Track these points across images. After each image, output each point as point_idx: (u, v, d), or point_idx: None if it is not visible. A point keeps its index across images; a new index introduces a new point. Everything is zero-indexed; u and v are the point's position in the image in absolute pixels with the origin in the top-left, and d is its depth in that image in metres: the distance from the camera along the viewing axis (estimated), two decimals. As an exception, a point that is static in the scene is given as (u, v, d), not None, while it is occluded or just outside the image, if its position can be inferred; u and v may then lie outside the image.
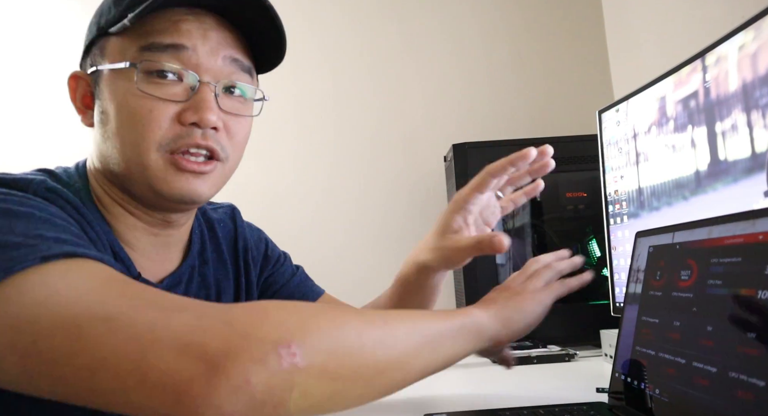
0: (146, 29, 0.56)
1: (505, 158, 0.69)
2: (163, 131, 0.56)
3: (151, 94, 0.56)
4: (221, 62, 0.59)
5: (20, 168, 0.60)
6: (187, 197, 0.59)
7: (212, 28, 0.58)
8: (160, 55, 0.56)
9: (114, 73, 0.58)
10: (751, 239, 0.49)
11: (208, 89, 0.58)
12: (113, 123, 0.58)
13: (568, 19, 1.69)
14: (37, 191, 0.52)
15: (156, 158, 0.57)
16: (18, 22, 1.69)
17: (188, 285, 0.69)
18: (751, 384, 0.44)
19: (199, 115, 0.56)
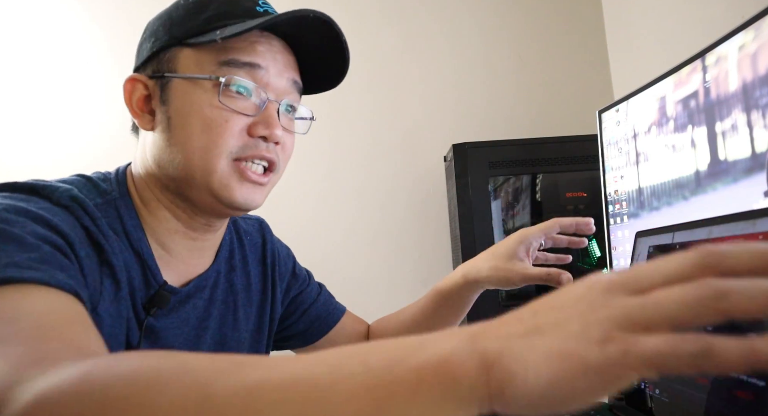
0: (226, 46, 0.61)
1: (572, 219, 0.76)
2: (235, 140, 0.61)
3: (229, 107, 0.60)
4: (285, 83, 0.64)
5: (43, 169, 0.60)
6: (244, 205, 0.63)
7: (280, 52, 0.64)
8: (237, 72, 0.61)
9: (190, 83, 0.62)
10: (751, 240, 0.49)
11: (274, 107, 0.63)
12: (184, 130, 0.61)
13: (568, 19, 1.69)
14: (59, 199, 0.55)
15: (224, 164, 0.61)
16: (18, 22, 1.69)
17: (213, 290, 0.71)
18: (751, 384, 0.44)
19: (270, 130, 0.62)
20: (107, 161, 1.72)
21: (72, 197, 0.56)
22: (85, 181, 0.62)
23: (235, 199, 0.62)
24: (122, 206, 0.62)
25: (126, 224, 0.61)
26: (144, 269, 0.62)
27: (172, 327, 0.64)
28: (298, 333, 0.86)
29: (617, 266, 1.04)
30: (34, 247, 0.47)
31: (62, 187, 0.57)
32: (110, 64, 1.67)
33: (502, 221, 1.33)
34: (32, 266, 0.45)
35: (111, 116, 1.66)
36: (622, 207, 1.04)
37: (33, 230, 0.49)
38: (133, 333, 0.60)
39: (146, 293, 0.62)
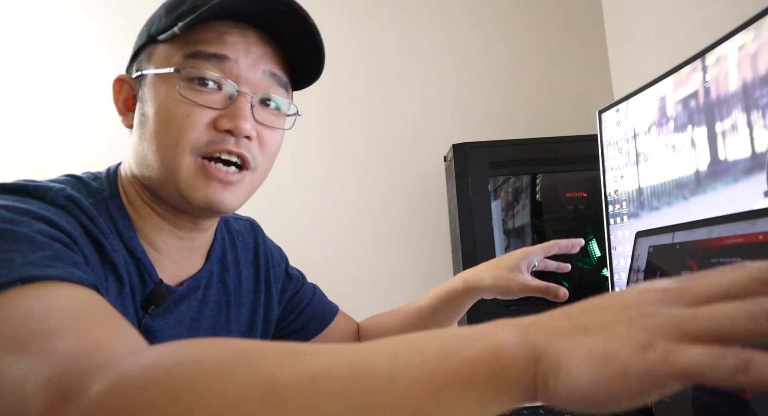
0: (193, 38, 0.59)
1: (569, 241, 0.82)
2: (198, 135, 0.58)
3: (191, 100, 0.58)
4: (260, 75, 0.61)
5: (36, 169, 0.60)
6: (213, 206, 0.60)
7: (255, 43, 0.61)
8: (204, 64, 0.59)
9: (158, 78, 0.60)
10: (751, 239, 0.49)
11: (245, 99, 0.60)
12: (151, 125, 0.60)
13: (568, 19, 1.69)
14: (55, 199, 0.54)
15: (188, 161, 0.58)
16: (18, 22, 1.69)
17: (207, 290, 0.70)
18: (751, 385, 0.44)
19: (235, 123, 0.58)
20: (107, 160, 1.71)
21: (67, 196, 0.55)
22: (75, 181, 0.61)
23: (201, 198, 0.59)
24: (113, 206, 0.61)
25: (118, 224, 0.60)
26: (139, 268, 0.61)
27: (168, 328, 0.64)
28: (294, 331, 0.86)
29: (617, 266, 1.04)
30: (46, 245, 0.47)
31: (55, 187, 0.55)
32: (110, 63, 1.67)
33: (502, 221, 1.33)
34: (49, 264, 0.44)
35: (111, 116, 1.66)
36: (622, 207, 1.04)
37: (39, 228, 0.48)
38: None
39: (143, 292, 0.61)
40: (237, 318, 0.74)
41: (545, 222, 1.33)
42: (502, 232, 1.32)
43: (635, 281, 0.67)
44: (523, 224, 1.34)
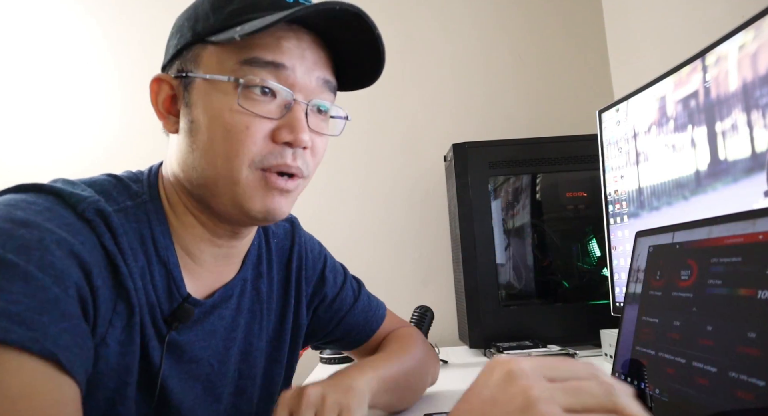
0: (248, 43, 0.55)
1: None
2: (258, 148, 0.56)
3: (250, 111, 0.55)
4: (314, 82, 0.59)
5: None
6: (270, 215, 0.59)
7: (309, 48, 0.58)
8: (260, 71, 0.56)
9: (210, 84, 0.57)
10: (751, 239, 0.49)
11: (301, 108, 0.58)
12: (205, 135, 0.57)
13: (568, 19, 1.69)
14: (84, 212, 0.52)
15: (247, 174, 0.56)
16: (19, 23, 1.69)
17: (241, 299, 0.67)
18: (751, 384, 0.44)
19: (294, 135, 0.57)
20: (107, 161, 1.72)
21: (97, 210, 0.53)
22: (115, 182, 0.59)
23: (260, 209, 0.57)
24: (152, 210, 0.59)
25: (154, 230, 0.58)
26: (168, 280, 0.59)
27: (198, 340, 0.61)
28: (335, 340, 0.84)
29: (617, 266, 1.04)
30: (41, 290, 0.45)
31: (89, 198, 0.53)
32: (111, 64, 1.67)
33: (502, 220, 1.33)
34: (26, 319, 0.43)
35: (111, 116, 1.66)
36: (622, 207, 1.04)
37: (51, 261, 0.46)
38: (155, 351, 0.57)
39: (169, 306, 0.59)
40: (267, 325, 0.72)
41: (545, 222, 1.33)
42: (502, 232, 1.32)
43: (635, 281, 0.67)
44: (523, 223, 1.34)
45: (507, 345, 1.17)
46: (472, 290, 1.26)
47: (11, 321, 0.43)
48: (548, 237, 1.34)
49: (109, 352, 0.53)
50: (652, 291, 0.62)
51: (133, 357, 0.55)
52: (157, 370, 0.57)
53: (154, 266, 0.58)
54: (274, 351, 0.73)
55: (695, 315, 0.54)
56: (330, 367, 1.21)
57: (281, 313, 0.74)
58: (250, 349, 0.68)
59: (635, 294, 0.66)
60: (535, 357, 0.41)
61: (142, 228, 0.58)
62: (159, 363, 0.57)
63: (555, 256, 1.34)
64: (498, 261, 1.29)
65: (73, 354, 0.46)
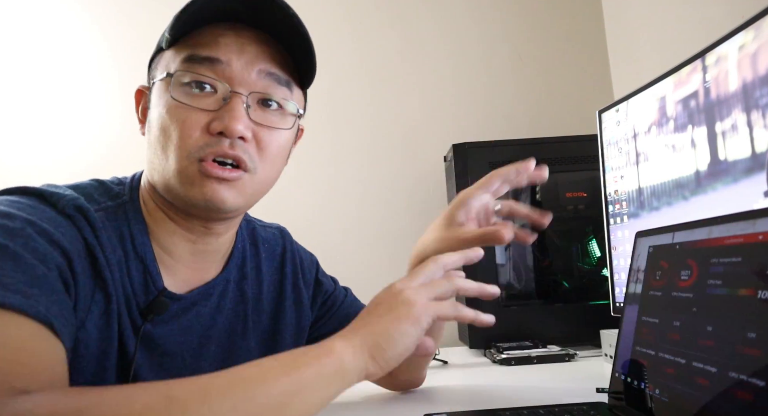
0: (189, 43, 0.60)
1: (509, 166, 0.75)
2: (194, 140, 0.58)
3: (185, 103, 0.58)
4: (255, 75, 0.60)
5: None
6: (211, 203, 0.59)
7: (250, 43, 0.60)
8: (197, 67, 0.59)
9: (159, 84, 0.61)
10: (751, 239, 0.49)
11: (239, 100, 0.59)
12: (154, 131, 0.61)
13: (568, 19, 1.69)
14: (64, 208, 0.55)
15: (186, 164, 0.58)
16: (19, 24, 1.69)
17: (222, 298, 0.69)
18: (751, 384, 0.44)
19: (225, 123, 0.58)
20: (106, 162, 1.72)
21: (77, 206, 0.56)
22: (98, 185, 0.63)
23: (199, 197, 0.59)
24: (131, 210, 0.62)
25: (133, 228, 0.62)
26: (145, 274, 0.61)
27: (173, 335, 0.64)
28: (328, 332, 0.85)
29: (617, 266, 1.04)
30: (29, 267, 0.48)
31: (69, 195, 0.57)
32: (109, 66, 1.67)
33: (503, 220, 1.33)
34: (19, 289, 0.46)
35: (110, 118, 1.66)
36: (622, 207, 1.04)
37: (34, 246, 0.50)
38: (130, 341, 0.59)
39: (146, 299, 0.61)
40: (256, 326, 0.74)
41: (545, 222, 1.33)
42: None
43: (636, 282, 0.67)
44: (523, 224, 1.33)
45: (507, 345, 1.17)
46: (472, 290, 1.26)
47: (7, 289, 0.45)
48: (548, 237, 1.34)
49: (88, 337, 0.56)
50: (652, 291, 0.62)
51: (111, 343, 0.58)
52: (131, 360, 0.59)
53: (131, 262, 0.61)
54: (269, 350, 0.74)
55: (695, 315, 0.54)
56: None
57: (275, 314, 0.76)
58: (232, 348, 0.70)
59: (635, 294, 0.66)
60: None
61: (121, 226, 0.61)
62: (133, 353, 0.59)
63: (555, 256, 1.34)
64: (498, 261, 1.29)
65: (62, 324, 0.49)
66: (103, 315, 0.57)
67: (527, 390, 0.86)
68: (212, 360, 0.68)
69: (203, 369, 0.66)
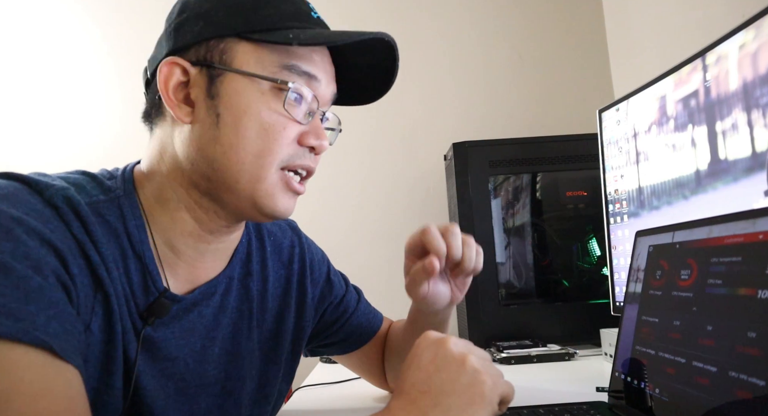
0: (288, 50, 0.58)
1: (419, 265, 0.71)
2: (288, 149, 0.59)
3: (289, 114, 0.58)
4: (330, 95, 0.64)
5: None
6: (284, 215, 0.62)
7: (329, 64, 0.63)
8: (297, 79, 0.59)
9: (246, 80, 0.57)
10: (751, 239, 0.49)
11: (319, 116, 0.63)
12: (236, 130, 0.57)
13: (568, 18, 1.69)
14: (51, 198, 0.51)
15: (273, 172, 0.59)
16: (18, 23, 1.69)
17: (225, 297, 0.66)
18: (751, 384, 0.44)
19: (320, 141, 0.61)
20: (107, 160, 1.72)
21: (66, 197, 0.52)
22: (88, 178, 0.58)
23: (278, 209, 0.60)
24: (126, 205, 0.57)
25: (128, 225, 0.57)
26: (144, 274, 0.57)
27: (174, 337, 0.60)
28: (337, 341, 0.84)
29: (617, 265, 1.04)
30: (23, 280, 0.45)
31: (57, 185, 0.52)
32: (110, 66, 1.67)
33: (502, 219, 1.33)
34: (12, 311, 0.43)
35: (110, 116, 1.66)
36: (622, 206, 1.04)
37: (25, 252, 0.46)
38: (131, 345, 0.56)
39: (145, 301, 0.57)
40: (260, 325, 0.70)
41: (545, 221, 1.33)
42: (503, 231, 1.32)
43: (636, 281, 0.67)
44: (523, 222, 1.34)
45: (507, 344, 1.17)
46: (472, 289, 1.25)
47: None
48: (548, 236, 1.34)
49: (94, 340, 0.52)
50: (652, 291, 0.62)
51: (115, 345, 0.54)
52: (133, 365, 0.56)
53: (129, 260, 0.56)
54: (271, 351, 0.71)
55: (695, 314, 0.54)
56: (330, 367, 1.22)
57: (279, 313, 0.73)
58: (237, 349, 0.67)
59: (635, 294, 0.66)
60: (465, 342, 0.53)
61: (115, 222, 0.56)
62: (134, 359, 0.56)
63: (555, 255, 1.34)
64: (498, 260, 1.29)
65: (64, 340, 0.46)
66: (105, 317, 0.53)
67: (527, 389, 0.86)
68: (216, 364, 0.65)
69: (208, 373, 0.64)
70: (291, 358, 0.75)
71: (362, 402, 0.88)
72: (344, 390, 0.98)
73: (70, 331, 0.47)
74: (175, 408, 0.60)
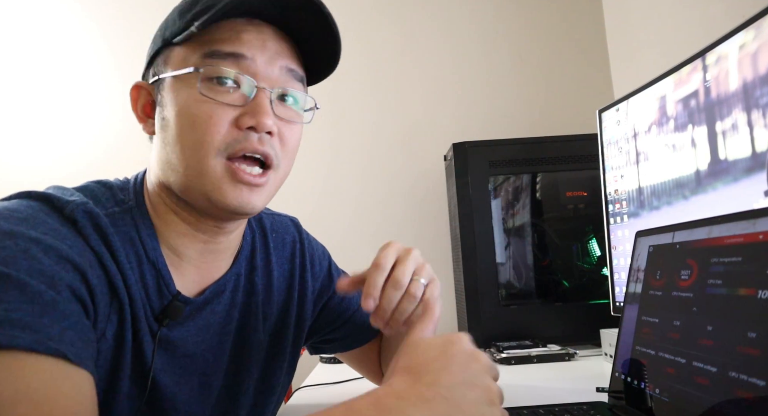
0: (209, 38, 0.59)
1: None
2: (222, 135, 0.57)
3: (212, 99, 0.57)
4: (278, 71, 0.61)
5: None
6: (240, 210, 0.59)
7: (270, 39, 0.60)
8: (221, 63, 0.58)
9: (177, 81, 0.60)
10: (751, 239, 0.49)
11: (265, 95, 0.59)
12: (174, 128, 0.59)
13: (568, 18, 1.69)
14: (72, 213, 0.54)
15: (214, 163, 0.58)
16: (19, 24, 1.69)
17: (234, 293, 0.68)
18: (751, 384, 0.44)
19: (257, 118, 0.58)
20: (107, 162, 1.72)
21: (86, 211, 0.55)
22: (104, 190, 0.62)
23: (230, 202, 0.58)
24: (137, 215, 0.61)
25: (141, 233, 0.60)
26: (158, 279, 0.60)
27: (190, 335, 0.63)
28: (339, 338, 0.84)
29: (617, 265, 1.04)
30: (36, 295, 0.46)
31: (76, 199, 0.55)
32: (110, 66, 1.67)
33: (502, 220, 1.33)
34: (28, 324, 0.44)
35: (111, 117, 1.66)
36: (622, 206, 1.04)
37: (40, 269, 0.48)
38: (147, 346, 0.58)
39: (160, 304, 0.60)
40: (267, 318, 0.72)
41: (545, 221, 1.33)
42: (502, 231, 1.32)
43: (635, 281, 0.67)
44: (523, 223, 1.34)
45: (507, 344, 1.17)
46: (471, 289, 1.26)
47: (14, 327, 0.44)
48: (548, 237, 1.34)
49: (106, 346, 0.55)
50: (652, 291, 0.62)
51: (126, 352, 0.56)
52: (149, 366, 0.58)
53: (145, 267, 0.59)
54: (276, 344, 0.73)
55: (695, 314, 0.54)
56: (330, 367, 1.22)
57: (284, 306, 0.75)
58: (246, 343, 0.69)
59: (635, 294, 0.66)
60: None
61: (129, 231, 0.60)
62: (151, 359, 0.58)
63: (555, 255, 1.34)
64: (498, 261, 1.29)
65: (78, 348, 0.47)
66: (119, 324, 0.56)
67: (527, 389, 0.86)
68: (228, 357, 0.68)
69: (224, 365, 0.67)
70: (293, 350, 0.77)
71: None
72: (344, 390, 0.98)
73: (85, 340, 0.49)
74: (199, 401, 0.64)
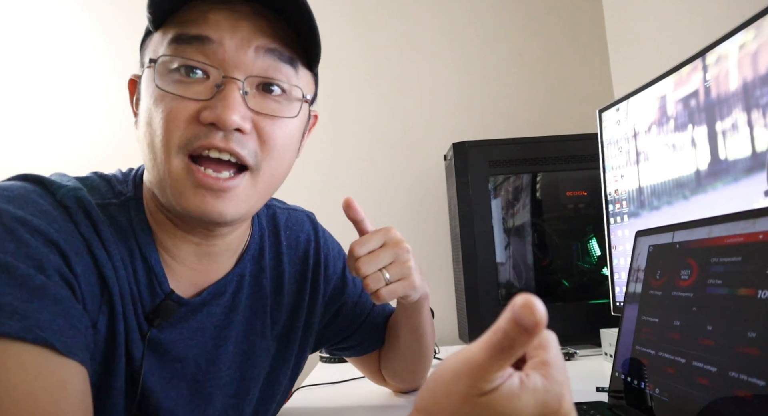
0: (176, 21, 0.51)
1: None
2: (180, 132, 0.50)
3: (170, 92, 0.50)
4: (253, 55, 0.52)
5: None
6: (205, 218, 0.52)
7: (245, 18, 0.52)
8: (185, 49, 0.51)
9: (147, 72, 0.54)
10: (751, 239, 0.49)
11: (234, 86, 0.51)
12: (140, 126, 0.54)
13: (568, 18, 1.69)
14: (63, 198, 0.51)
15: (176, 162, 0.51)
16: (18, 22, 1.69)
17: (236, 295, 0.63)
18: (750, 384, 0.44)
19: (217, 114, 0.49)
20: (107, 161, 1.72)
21: (77, 198, 0.52)
22: (104, 182, 0.58)
23: (191, 210, 0.51)
24: (134, 209, 0.57)
25: (136, 228, 0.56)
26: (150, 276, 0.56)
27: (182, 338, 0.59)
28: (355, 345, 0.82)
29: (617, 265, 1.04)
30: (26, 278, 0.45)
31: (70, 185, 0.53)
32: (110, 63, 1.67)
33: (502, 219, 1.33)
34: (16, 309, 0.43)
35: (111, 115, 1.66)
36: (623, 206, 1.04)
37: (28, 252, 0.46)
38: (137, 346, 0.55)
39: (152, 302, 0.56)
40: (276, 321, 0.68)
41: (545, 221, 1.33)
42: (502, 231, 1.32)
43: (635, 281, 0.67)
44: (523, 222, 1.34)
45: (507, 344, 1.17)
46: (472, 289, 1.26)
47: (2, 313, 0.42)
48: (548, 236, 1.34)
49: (99, 338, 0.52)
50: (652, 291, 0.62)
51: (119, 345, 0.54)
52: (139, 367, 0.55)
53: (136, 261, 0.55)
54: (283, 349, 0.69)
55: (695, 314, 0.54)
56: (330, 367, 1.22)
57: (293, 309, 0.70)
58: (252, 348, 0.65)
59: (635, 294, 0.66)
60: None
61: (123, 224, 0.56)
62: (140, 360, 0.55)
63: (555, 255, 1.34)
64: (498, 260, 1.29)
65: (68, 337, 0.46)
66: (111, 316, 0.53)
67: (527, 389, 0.86)
68: (231, 363, 0.63)
69: (222, 372, 0.62)
70: (299, 355, 0.73)
71: (362, 402, 0.88)
72: (344, 390, 0.98)
73: (77, 326, 0.47)
74: (188, 410, 0.60)
